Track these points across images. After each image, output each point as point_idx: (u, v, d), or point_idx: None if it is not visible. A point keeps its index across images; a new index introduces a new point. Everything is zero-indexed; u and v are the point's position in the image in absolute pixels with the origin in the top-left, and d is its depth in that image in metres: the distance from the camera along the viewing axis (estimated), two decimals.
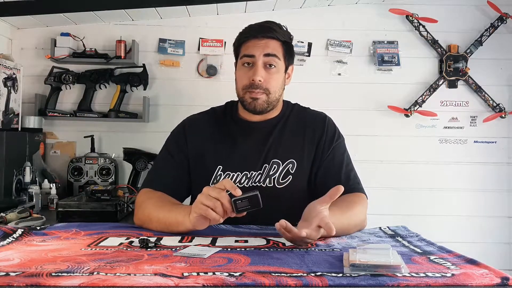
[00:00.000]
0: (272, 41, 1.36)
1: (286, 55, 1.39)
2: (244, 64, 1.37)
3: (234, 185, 1.07)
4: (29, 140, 2.34)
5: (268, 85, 1.35)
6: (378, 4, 2.67)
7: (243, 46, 1.38)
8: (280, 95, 1.42)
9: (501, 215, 2.69)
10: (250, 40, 1.36)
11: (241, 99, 1.40)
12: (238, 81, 1.40)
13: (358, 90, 2.66)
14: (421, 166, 2.68)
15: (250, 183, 1.36)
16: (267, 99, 1.36)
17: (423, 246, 1.03)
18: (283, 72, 1.40)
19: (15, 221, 1.49)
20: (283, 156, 1.39)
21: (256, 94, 1.35)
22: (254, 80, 1.33)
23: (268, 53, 1.34)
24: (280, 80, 1.39)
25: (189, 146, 1.42)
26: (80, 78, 2.55)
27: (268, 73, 1.35)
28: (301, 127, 1.43)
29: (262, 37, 1.35)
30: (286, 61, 1.40)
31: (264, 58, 1.34)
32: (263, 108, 1.37)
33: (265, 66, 1.35)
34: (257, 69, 1.34)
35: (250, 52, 1.35)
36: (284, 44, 1.39)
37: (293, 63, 1.47)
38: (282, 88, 1.41)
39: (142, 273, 0.79)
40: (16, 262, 0.87)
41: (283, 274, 0.79)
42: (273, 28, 1.37)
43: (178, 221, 1.16)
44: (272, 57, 1.35)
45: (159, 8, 2.44)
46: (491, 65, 2.69)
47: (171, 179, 1.39)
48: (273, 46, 1.36)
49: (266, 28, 1.37)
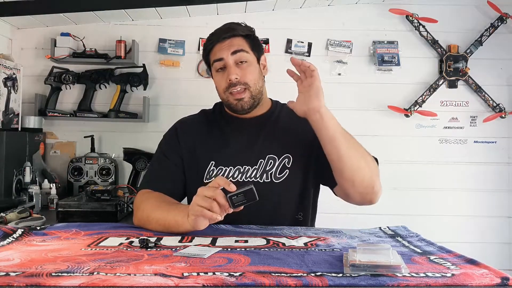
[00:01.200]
0: (235, 39, 1.39)
1: (252, 46, 1.42)
2: (217, 70, 1.40)
3: (228, 181, 1.08)
4: (29, 140, 2.34)
5: (245, 79, 1.37)
6: (378, 4, 2.67)
7: (211, 54, 1.42)
8: (261, 86, 1.43)
9: (501, 215, 2.69)
10: (215, 45, 1.40)
11: (227, 103, 1.42)
12: (218, 87, 1.43)
13: (358, 90, 2.66)
14: (421, 166, 2.68)
15: (244, 178, 1.37)
16: (251, 94, 1.38)
17: (423, 246, 1.03)
18: (256, 64, 1.42)
19: (15, 221, 1.49)
20: (278, 151, 1.40)
21: (239, 94, 1.37)
22: (231, 80, 1.36)
23: (235, 50, 1.38)
24: (255, 72, 1.41)
25: (182, 146, 1.44)
26: (80, 78, 2.55)
27: (241, 69, 1.38)
28: (294, 123, 1.42)
29: (224, 39, 1.38)
30: (255, 53, 1.42)
31: (232, 56, 1.37)
32: (250, 104, 1.39)
33: (237, 64, 1.38)
34: (230, 68, 1.37)
35: (218, 56, 1.39)
36: (247, 38, 1.42)
37: (263, 53, 1.48)
38: (261, 78, 1.43)
39: (142, 273, 0.79)
40: (16, 262, 0.87)
41: (283, 274, 0.79)
42: (232, 27, 1.41)
43: (177, 222, 1.17)
44: (239, 53, 1.38)
45: (159, 8, 2.44)
46: (491, 65, 2.69)
47: (168, 179, 1.40)
48: (237, 43, 1.39)
49: (226, 29, 1.41)
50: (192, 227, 1.13)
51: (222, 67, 1.39)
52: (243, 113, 1.41)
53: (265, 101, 1.48)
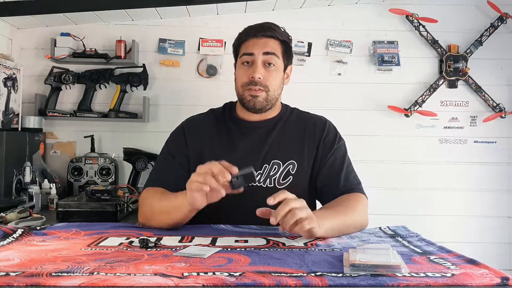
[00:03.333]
0: (271, 40, 1.38)
1: (285, 54, 1.41)
2: (243, 63, 1.39)
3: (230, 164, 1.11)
4: (29, 140, 2.34)
5: (267, 82, 1.37)
6: (378, 4, 2.67)
7: (242, 45, 1.40)
8: (279, 94, 1.43)
9: (501, 215, 2.68)
10: (250, 39, 1.38)
11: (241, 97, 1.41)
12: (238, 79, 1.41)
13: (358, 90, 2.66)
14: (421, 166, 2.67)
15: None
16: (267, 97, 1.38)
17: (423, 246, 1.03)
18: (282, 71, 1.42)
19: (15, 221, 1.49)
20: (283, 157, 1.39)
21: (256, 91, 1.36)
22: (253, 77, 1.35)
23: (267, 51, 1.36)
24: (279, 78, 1.40)
25: (189, 146, 1.43)
26: (80, 78, 2.55)
27: (267, 71, 1.37)
28: (302, 130, 1.44)
29: (261, 36, 1.37)
30: (285, 60, 1.42)
31: (263, 56, 1.36)
32: (263, 105, 1.39)
33: (264, 65, 1.37)
34: (256, 66, 1.36)
35: (249, 50, 1.37)
36: (283, 44, 1.41)
37: (292, 64, 1.48)
38: (280, 87, 1.43)
39: (142, 273, 0.79)
40: (16, 262, 0.87)
41: (283, 274, 0.79)
42: (273, 28, 1.40)
43: (177, 204, 1.19)
44: (271, 55, 1.37)
45: (159, 8, 2.44)
46: (491, 65, 2.69)
47: (173, 178, 1.39)
48: (272, 45, 1.38)
49: (266, 27, 1.39)
50: (191, 205, 1.14)
51: (249, 61, 1.38)
52: (253, 111, 1.40)
53: (277, 106, 1.47)
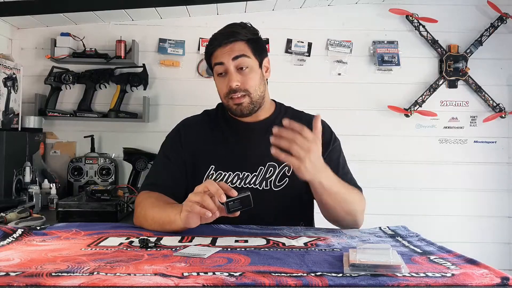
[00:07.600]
0: (236, 44, 1.37)
1: (255, 51, 1.40)
2: (218, 75, 1.40)
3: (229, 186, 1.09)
4: (29, 140, 2.34)
5: (246, 86, 1.36)
6: (378, 4, 2.67)
7: (212, 57, 1.41)
8: (263, 91, 1.42)
9: (501, 215, 2.69)
10: (217, 49, 1.38)
11: (227, 107, 1.42)
12: (219, 91, 1.42)
13: (358, 90, 2.66)
14: (421, 166, 2.68)
15: (243, 184, 1.37)
16: (251, 100, 1.37)
17: (423, 246, 1.03)
18: (258, 68, 1.41)
19: (15, 221, 1.49)
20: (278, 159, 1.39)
21: (239, 99, 1.36)
22: (231, 87, 1.35)
23: (236, 55, 1.36)
24: (256, 78, 1.39)
25: (184, 148, 1.43)
26: (80, 78, 2.55)
27: (242, 75, 1.37)
28: None
29: (226, 43, 1.37)
30: (257, 57, 1.41)
31: (233, 62, 1.36)
32: (250, 109, 1.39)
33: (238, 70, 1.37)
34: (230, 74, 1.36)
35: (219, 60, 1.37)
36: (250, 42, 1.39)
37: (267, 55, 1.47)
38: (262, 84, 1.42)
39: (142, 273, 0.79)
40: (16, 262, 0.87)
41: (283, 274, 0.79)
42: (235, 31, 1.39)
43: (170, 219, 1.17)
44: (241, 58, 1.36)
45: (159, 8, 2.44)
46: (491, 65, 2.69)
47: (170, 181, 1.39)
48: (239, 48, 1.37)
49: (228, 33, 1.39)
50: (183, 224, 1.13)
51: (223, 71, 1.38)
52: (242, 116, 1.41)
53: (268, 104, 1.47)
